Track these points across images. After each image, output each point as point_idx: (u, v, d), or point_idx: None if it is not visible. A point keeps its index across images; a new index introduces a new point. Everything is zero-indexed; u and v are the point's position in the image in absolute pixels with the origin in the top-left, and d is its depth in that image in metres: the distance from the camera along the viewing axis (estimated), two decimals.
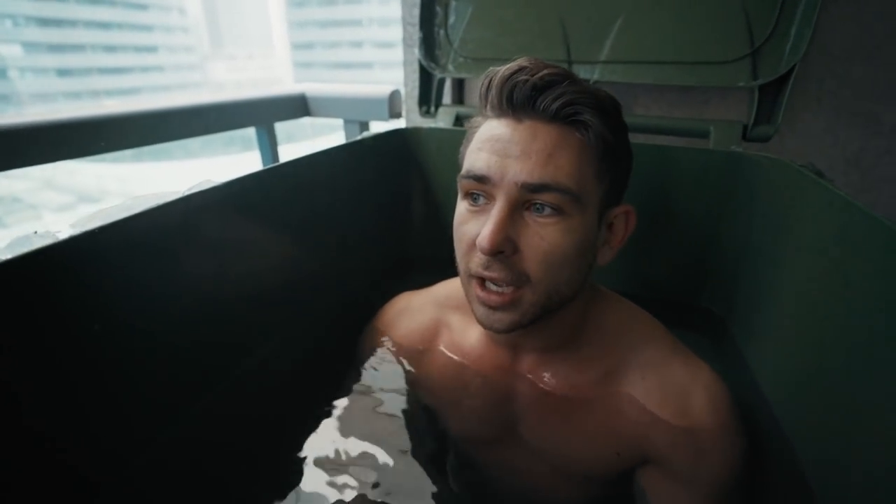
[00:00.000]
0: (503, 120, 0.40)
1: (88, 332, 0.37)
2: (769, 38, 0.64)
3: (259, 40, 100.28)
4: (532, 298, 0.40)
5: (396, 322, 0.59)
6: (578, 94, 0.38)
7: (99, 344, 0.38)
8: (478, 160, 0.40)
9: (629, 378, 0.47)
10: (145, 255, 0.42)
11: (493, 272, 0.40)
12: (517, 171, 0.38)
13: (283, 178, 0.58)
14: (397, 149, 0.80)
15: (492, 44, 0.82)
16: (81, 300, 0.37)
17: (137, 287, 0.41)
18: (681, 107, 0.84)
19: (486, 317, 0.42)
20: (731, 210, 0.63)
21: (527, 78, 0.38)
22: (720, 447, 0.43)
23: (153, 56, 54.71)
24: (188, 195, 0.46)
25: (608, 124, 0.40)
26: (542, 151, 0.38)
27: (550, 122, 0.39)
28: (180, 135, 0.96)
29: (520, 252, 0.39)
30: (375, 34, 50.23)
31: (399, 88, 1.10)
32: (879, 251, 0.35)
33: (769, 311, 0.54)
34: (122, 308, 0.40)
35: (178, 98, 0.95)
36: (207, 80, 68.87)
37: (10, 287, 0.32)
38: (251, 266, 0.54)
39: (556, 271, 0.40)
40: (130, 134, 0.87)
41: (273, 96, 1.13)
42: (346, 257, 0.72)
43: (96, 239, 0.38)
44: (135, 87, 52.66)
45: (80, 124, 0.79)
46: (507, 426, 0.51)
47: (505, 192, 0.39)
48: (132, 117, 0.87)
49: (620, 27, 0.72)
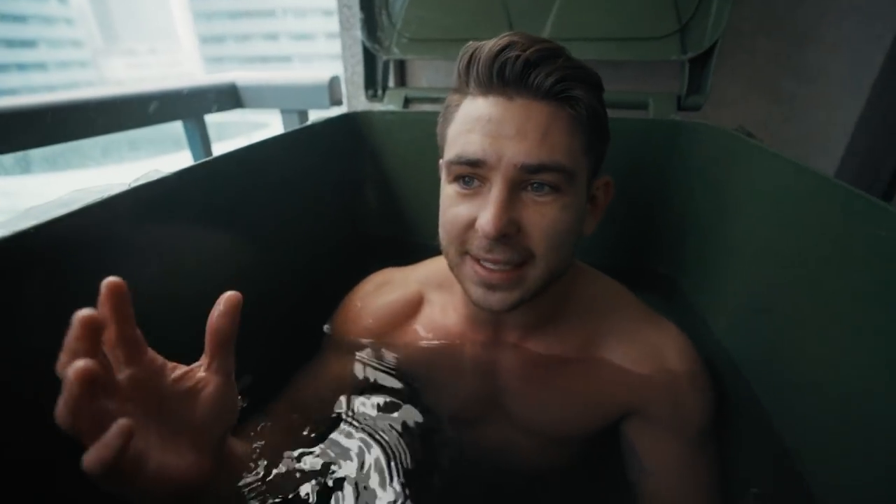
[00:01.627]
0: (491, 98, 0.38)
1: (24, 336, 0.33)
2: (694, 15, 0.69)
3: (161, 33, 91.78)
4: (535, 274, 0.40)
5: (374, 297, 0.57)
6: (570, 70, 0.38)
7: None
8: (469, 143, 0.38)
9: (606, 344, 0.49)
10: (88, 254, 0.37)
11: (497, 254, 0.39)
12: (515, 152, 0.37)
13: (234, 165, 0.55)
14: (348, 133, 0.78)
15: (435, 24, 0.81)
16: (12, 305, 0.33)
17: (77, 289, 0.37)
18: (619, 81, 0.89)
19: (484, 296, 0.41)
20: (673, 175, 0.68)
21: (518, 54, 0.37)
22: (693, 392, 0.47)
23: (31, 52, 48.27)
24: (135, 187, 0.42)
25: (597, 97, 0.40)
26: (537, 130, 0.37)
27: (543, 98, 0.38)
28: (96, 131, 0.86)
29: (522, 231, 0.39)
30: (291, 26, 47.92)
31: (338, 75, 1.06)
32: (811, 195, 0.40)
33: (714, 265, 0.59)
34: (59, 311, 0.35)
35: (92, 90, 0.85)
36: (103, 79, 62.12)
37: None
38: (205, 257, 0.51)
39: (558, 247, 0.40)
40: (34, 130, 0.77)
41: (200, 86, 1.04)
42: (303, 240, 0.69)
43: (32, 239, 0.34)
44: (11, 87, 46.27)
45: None
46: (492, 400, 0.52)
47: (503, 173, 0.38)
48: (39, 110, 0.76)
49: (560, 6, 0.75)
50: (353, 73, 1.03)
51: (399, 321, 0.55)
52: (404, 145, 0.79)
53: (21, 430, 0.33)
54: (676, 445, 0.46)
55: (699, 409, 0.47)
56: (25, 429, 0.33)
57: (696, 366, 0.47)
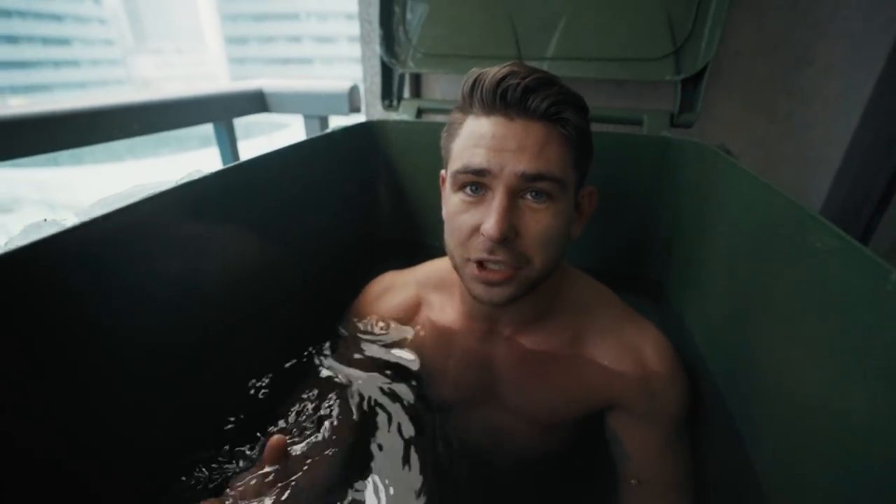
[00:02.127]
0: (493, 118, 0.44)
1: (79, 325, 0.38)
2: (688, 39, 0.74)
3: (188, 34, 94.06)
4: (530, 273, 0.46)
5: (381, 298, 0.63)
6: (562, 96, 0.44)
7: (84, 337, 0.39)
8: (475, 155, 0.44)
9: (591, 341, 0.54)
10: (125, 252, 0.42)
11: (498, 256, 0.44)
12: (516, 163, 0.43)
13: (259, 170, 0.60)
14: (365, 140, 0.85)
15: (448, 41, 0.88)
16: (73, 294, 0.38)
17: (117, 283, 0.42)
18: (618, 98, 0.94)
19: (486, 292, 0.46)
20: (663, 187, 0.73)
21: (518, 81, 0.42)
22: (669, 388, 0.51)
23: (66, 49, 49.90)
24: (182, 185, 0.48)
25: (584, 119, 0.46)
26: (535, 145, 0.43)
27: (539, 119, 0.43)
28: (137, 132, 0.95)
29: (519, 236, 0.44)
30: (314, 28, 48.68)
31: (357, 84, 1.13)
32: (773, 212, 0.45)
33: (696, 273, 0.64)
34: (99, 305, 0.40)
35: (133, 94, 0.94)
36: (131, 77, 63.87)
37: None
38: (230, 257, 0.56)
39: (550, 250, 0.46)
40: (80, 131, 0.85)
41: (230, 92, 1.12)
42: (320, 243, 0.76)
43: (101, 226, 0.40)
44: (45, 82, 47.84)
45: (19, 122, 0.76)
46: (488, 388, 0.57)
47: (504, 182, 0.43)
48: (81, 113, 0.85)
49: (564, 27, 0.80)
50: (372, 84, 1.10)
51: (401, 322, 0.62)
52: (416, 153, 0.86)
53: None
54: (653, 434, 0.51)
55: (674, 402, 0.51)
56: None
57: (671, 363, 0.52)
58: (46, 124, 0.80)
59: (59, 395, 0.37)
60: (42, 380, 0.36)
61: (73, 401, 0.38)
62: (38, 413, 0.36)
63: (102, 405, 0.41)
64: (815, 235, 0.37)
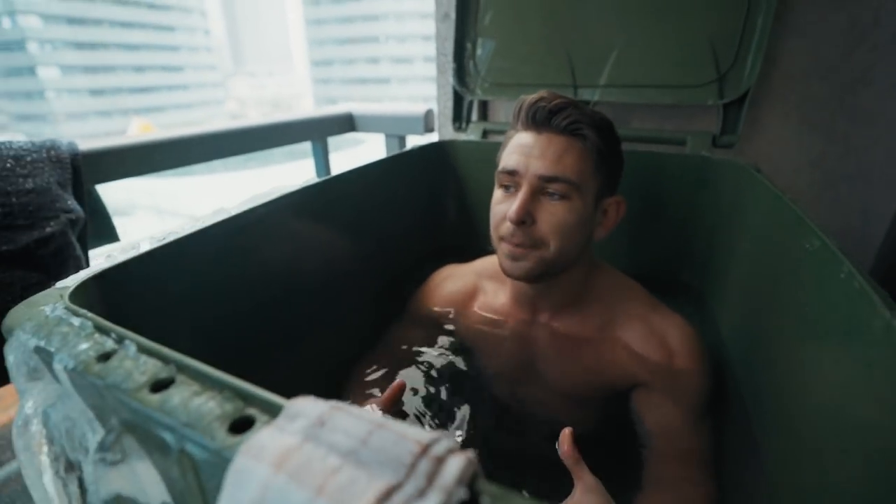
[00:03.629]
0: (527, 132, 0.57)
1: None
2: (731, 67, 0.81)
3: (279, 58, 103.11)
4: (546, 254, 0.56)
5: (442, 285, 0.76)
6: (580, 116, 0.55)
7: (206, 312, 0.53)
8: (510, 160, 0.57)
9: (619, 326, 0.62)
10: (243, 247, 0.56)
11: (516, 237, 0.56)
12: (537, 166, 0.54)
13: (349, 182, 0.75)
14: (437, 157, 0.99)
15: (512, 72, 1.01)
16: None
17: (228, 272, 0.54)
18: (670, 120, 1.01)
19: (511, 266, 0.58)
20: (702, 202, 0.80)
21: (545, 105, 0.55)
22: (690, 369, 0.58)
23: (179, 75, 56.76)
24: (277, 198, 0.61)
25: (601, 136, 0.57)
26: (555, 154, 0.54)
27: (560, 133, 0.55)
28: (254, 148, 1.18)
29: (536, 224, 0.55)
30: (393, 50, 51.28)
31: (432, 107, 1.30)
32: (791, 227, 0.51)
33: (729, 281, 0.70)
34: (219, 292, 0.53)
35: (248, 119, 1.17)
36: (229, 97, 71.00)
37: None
38: (322, 252, 0.70)
39: (563, 238, 0.56)
40: (207, 150, 1.08)
41: (325, 116, 1.34)
42: (395, 246, 0.90)
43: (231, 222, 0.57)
44: (161, 105, 54.59)
45: (172, 143, 1.00)
46: (529, 364, 0.67)
47: (528, 181, 0.55)
48: (216, 136, 1.08)
49: (615, 58, 0.90)
50: (445, 107, 1.26)
51: (460, 305, 0.74)
52: (480, 169, 0.99)
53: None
54: (673, 411, 0.58)
55: (694, 382, 0.58)
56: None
57: (693, 345, 0.58)
58: (191, 144, 1.04)
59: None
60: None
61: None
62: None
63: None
64: (807, 239, 0.44)
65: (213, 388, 0.24)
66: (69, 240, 0.71)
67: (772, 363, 0.49)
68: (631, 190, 0.64)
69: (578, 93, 0.93)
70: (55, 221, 0.68)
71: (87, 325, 0.30)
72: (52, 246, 0.68)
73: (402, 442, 0.18)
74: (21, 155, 0.68)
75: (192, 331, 0.51)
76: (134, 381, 0.25)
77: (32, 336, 0.30)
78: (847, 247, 0.39)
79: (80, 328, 0.30)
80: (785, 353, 0.47)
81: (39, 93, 43.22)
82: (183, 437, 0.23)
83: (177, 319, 0.48)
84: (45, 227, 0.67)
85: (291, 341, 0.65)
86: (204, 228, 0.50)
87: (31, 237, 0.66)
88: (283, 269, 0.63)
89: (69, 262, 0.71)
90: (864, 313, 0.33)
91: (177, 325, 0.48)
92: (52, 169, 0.71)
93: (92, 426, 0.28)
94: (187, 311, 0.50)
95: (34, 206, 0.67)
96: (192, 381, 0.25)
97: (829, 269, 0.38)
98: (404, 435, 0.18)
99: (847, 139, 0.96)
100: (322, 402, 0.21)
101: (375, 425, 0.18)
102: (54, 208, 0.69)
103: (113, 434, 0.27)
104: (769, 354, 0.50)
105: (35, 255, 0.67)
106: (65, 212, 0.70)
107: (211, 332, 0.53)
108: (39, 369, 0.30)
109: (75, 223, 0.72)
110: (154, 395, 0.25)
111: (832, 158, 0.98)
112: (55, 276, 0.70)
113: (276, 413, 0.22)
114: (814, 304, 0.42)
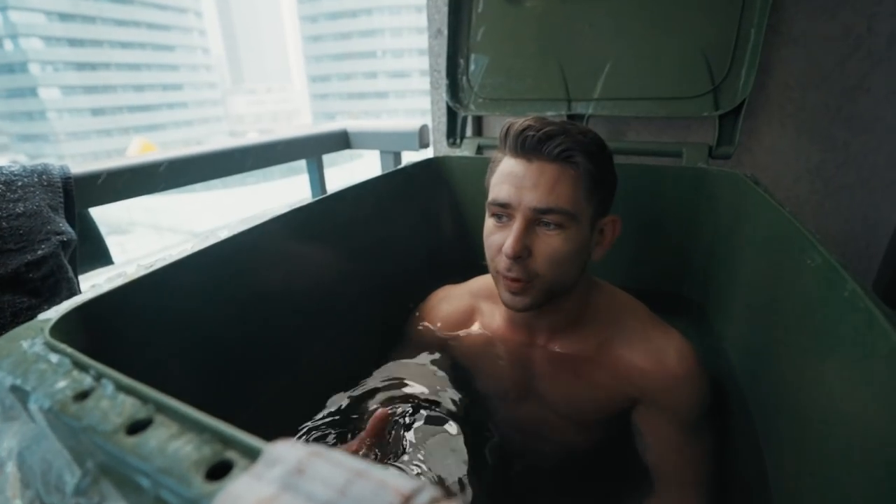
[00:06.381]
0: (517, 160, 0.55)
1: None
2: (725, 78, 0.81)
3: (277, 74, 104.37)
4: (541, 286, 0.55)
5: (439, 307, 0.75)
6: (571, 143, 0.53)
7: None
8: (501, 191, 0.55)
9: (618, 344, 0.61)
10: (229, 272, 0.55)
11: (513, 272, 0.54)
12: (530, 198, 0.52)
13: (341, 201, 0.74)
14: (432, 173, 0.99)
15: (505, 87, 1.01)
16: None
17: (221, 296, 0.53)
18: (665, 132, 1.01)
19: (510, 299, 0.57)
20: (700, 214, 0.79)
21: (534, 133, 0.53)
22: (688, 385, 0.57)
23: (179, 93, 57.39)
24: (268, 220, 0.60)
25: (593, 161, 0.55)
26: (547, 184, 0.52)
27: (552, 162, 0.53)
28: (248, 168, 1.17)
29: (533, 256, 0.54)
30: (390, 65, 51.91)
31: (426, 123, 1.30)
32: (791, 240, 0.50)
33: (730, 293, 0.69)
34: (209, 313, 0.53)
35: (244, 139, 1.17)
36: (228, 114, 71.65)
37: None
38: (315, 275, 0.69)
39: (559, 269, 0.54)
40: (204, 169, 1.08)
41: (321, 133, 1.34)
42: (390, 262, 0.89)
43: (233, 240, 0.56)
44: (161, 122, 55.11)
45: (167, 165, 0.99)
46: (528, 387, 0.66)
47: (522, 213, 0.53)
48: (211, 156, 1.08)
49: (609, 71, 0.90)
50: (439, 123, 1.26)
51: (457, 327, 0.73)
52: (475, 184, 0.98)
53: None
54: (672, 427, 0.57)
55: (693, 399, 0.57)
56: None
57: (691, 363, 0.58)
58: (186, 165, 1.03)
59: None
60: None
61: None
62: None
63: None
64: (808, 254, 0.44)
65: (191, 430, 0.23)
66: (61, 262, 0.70)
67: (777, 379, 0.48)
68: (628, 203, 0.63)
69: (572, 106, 0.93)
70: (46, 244, 0.68)
71: (64, 362, 0.29)
72: (43, 269, 0.67)
73: (381, 492, 0.17)
74: (12, 180, 0.68)
75: (181, 358, 0.50)
76: (110, 423, 0.24)
77: (8, 374, 0.29)
78: (849, 255, 0.38)
79: (58, 365, 0.29)
80: (790, 369, 0.46)
81: (41, 113, 43.74)
82: (158, 483, 0.22)
83: (165, 348, 0.47)
84: (37, 251, 0.67)
85: (284, 364, 0.64)
86: (193, 254, 0.49)
87: (21, 261, 0.65)
88: (276, 292, 0.62)
89: (61, 285, 0.70)
90: (869, 332, 0.32)
91: (165, 354, 0.47)
92: (43, 193, 0.70)
93: (69, 468, 0.27)
94: (176, 338, 0.49)
95: (24, 229, 0.66)
96: (170, 421, 0.24)
97: (832, 285, 0.38)
98: (384, 484, 0.17)
99: (846, 147, 0.95)
100: (301, 445, 0.20)
101: (354, 473, 0.18)
102: (45, 231, 0.68)
103: (89, 477, 0.26)
104: (774, 370, 0.49)
105: (26, 278, 0.66)
106: (56, 234, 0.69)
107: (200, 358, 0.52)
108: (15, 408, 0.29)
109: (67, 245, 0.71)
110: (130, 437, 0.24)
111: (832, 167, 0.98)
112: (47, 299, 0.69)
113: (255, 457, 0.21)
114: (818, 320, 0.41)
